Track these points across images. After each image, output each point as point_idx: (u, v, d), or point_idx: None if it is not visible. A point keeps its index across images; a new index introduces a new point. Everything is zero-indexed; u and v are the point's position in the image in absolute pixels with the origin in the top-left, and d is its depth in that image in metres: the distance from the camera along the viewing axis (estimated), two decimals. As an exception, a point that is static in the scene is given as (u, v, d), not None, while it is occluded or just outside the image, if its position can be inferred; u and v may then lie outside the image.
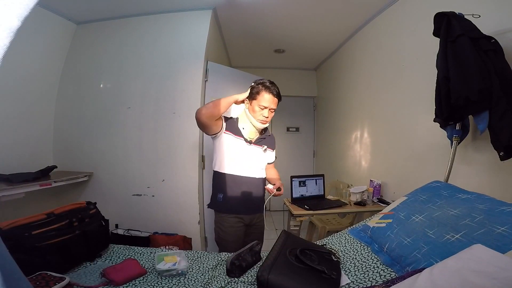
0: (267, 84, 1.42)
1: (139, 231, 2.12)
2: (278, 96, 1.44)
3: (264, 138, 1.55)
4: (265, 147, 1.53)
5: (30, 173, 1.79)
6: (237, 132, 1.47)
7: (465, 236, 0.77)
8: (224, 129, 1.44)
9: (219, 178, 1.47)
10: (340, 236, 1.25)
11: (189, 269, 1.08)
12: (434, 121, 1.44)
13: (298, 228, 2.79)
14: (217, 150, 1.47)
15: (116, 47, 2.40)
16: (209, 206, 1.54)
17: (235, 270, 1.04)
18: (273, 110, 1.45)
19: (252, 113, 1.44)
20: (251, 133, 1.51)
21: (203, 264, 1.13)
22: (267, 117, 1.43)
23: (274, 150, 1.65)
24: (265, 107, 1.40)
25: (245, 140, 1.46)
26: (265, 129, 1.57)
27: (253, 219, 1.53)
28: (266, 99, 1.39)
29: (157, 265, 1.03)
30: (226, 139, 1.43)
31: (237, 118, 1.51)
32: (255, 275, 0.92)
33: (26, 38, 1.93)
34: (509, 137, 1.11)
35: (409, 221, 0.99)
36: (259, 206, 1.55)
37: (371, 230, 1.12)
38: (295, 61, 4.01)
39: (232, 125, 1.48)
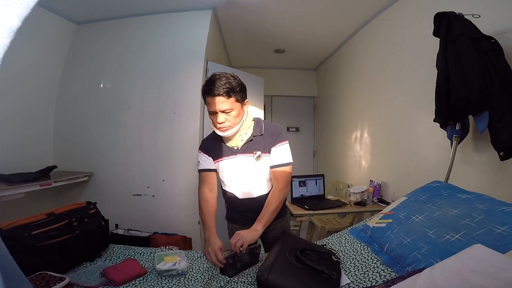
0: (207, 84, 1.10)
1: (139, 231, 2.12)
2: (224, 92, 1.07)
3: (252, 140, 1.21)
4: (258, 153, 1.20)
5: (30, 173, 1.79)
6: (219, 149, 1.24)
7: (465, 236, 0.77)
8: (212, 159, 1.26)
9: (223, 192, 1.35)
10: (340, 236, 1.25)
11: (189, 269, 1.07)
12: (434, 121, 1.44)
13: (298, 228, 2.79)
14: None
15: (116, 47, 2.40)
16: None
17: (228, 269, 1.02)
18: (229, 110, 1.09)
19: (212, 125, 1.18)
20: (232, 141, 1.21)
21: (203, 264, 1.13)
22: (222, 122, 1.10)
23: (278, 147, 1.21)
24: (214, 112, 1.11)
25: (230, 150, 1.22)
26: (258, 126, 1.23)
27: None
28: (209, 103, 1.10)
29: (157, 265, 1.02)
30: (218, 166, 1.27)
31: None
32: (255, 275, 0.92)
33: (26, 38, 1.93)
34: (509, 137, 1.11)
35: (409, 221, 0.99)
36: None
37: (371, 230, 1.12)
38: (295, 61, 4.01)
39: (213, 146, 1.26)
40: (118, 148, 2.33)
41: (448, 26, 1.28)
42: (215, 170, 1.28)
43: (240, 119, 1.14)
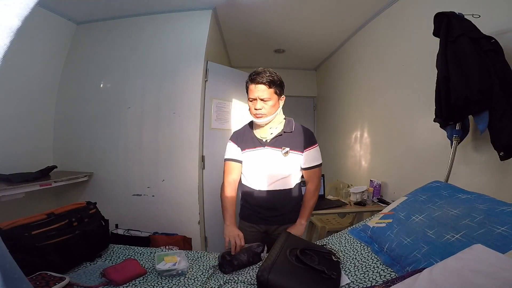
0: (253, 74, 1.23)
1: (139, 231, 2.12)
2: (267, 82, 1.20)
3: (281, 135, 1.28)
4: (287, 149, 1.26)
5: (30, 173, 1.79)
6: (248, 139, 1.32)
7: (465, 236, 0.77)
8: (241, 150, 1.33)
9: (240, 187, 1.38)
10: (340, 236, 1.25)
11: (189, 269, 1.07)
12: (434, 121, 1.44)
13: (298, 228, 2.79)
14: None
15: (116, 47, 2.40)
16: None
17: (225, 265, 1.04)
18: (268, 99, 1.21)
19: (249, 111, 1.29)
20: (262, 131, 1.31)
21: (203, 264, 1.13)
22: (259, 109, 1.21)
23: (312, 150, 1.30)
24: (254, 99, 1.23)
25: (259, 141, 1.29)
26: (289, 124, 1.32)
27: (269, 229, 1.36)
28: (252, 90, 1.23)
29: (157, 265, 1.03)
30: (245, 156, 1.33)
31: (251, 122, 1.37)
32: (255, 275, 0.92)
33: (26, 38, 1.93)
34: (509, 137, 1.11)
35: (409, 221, 0.99)
36: (282, 219, 1.33)
37: (371, 230, 1.12)
38: (295, 61, 4.01)
39: (242, 137, 1.34)
40: (118, 148, 2.33)
41: (448, 26, 1.27)
42: (241, 162, 1.34)
43: (275, 110, 1.25)
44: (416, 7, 1.92)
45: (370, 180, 2.29)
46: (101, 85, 2.37)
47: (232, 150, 1.35)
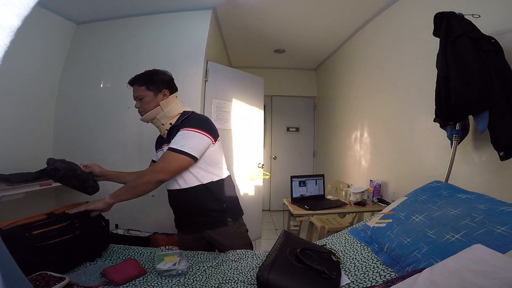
0: None
1: (139, 231, 2.12)
2: (135, 82, 1.26)
3: (172, 129, 1.27)
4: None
5: (30, 173, 1.78)
6: (159, 141, 1.42)
7: (465, 236, 0.77)
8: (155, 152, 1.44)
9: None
10: (340, 236, 1.25)
11: (189, 269, 1.07)
12: (434, 121, 1.44)
13: (298, 228, 2.79)
14: None
15: (116, 47, 2.40)
16: None
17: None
18: (141, 97, 1.25)
19: None
20: (160, 129, 1.34)
21: (203, 264, 1.13)
22: (138, 107, 1.29)
23: (182, 131, 1.18)
24: (135, 100, 1.30)
25: (163, 140, 1.35)
26: (180, 118, 1.27)
27: (198, 237, 1.32)
28: (132, 93, 1.30)
29: (157, 265, 1.03)
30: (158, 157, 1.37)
31: None
32: (255, 275, 0.92)
33: (26, 38, 1.93)
34: (509, 137, 1.11)
35: (409, 221, 0.99)
36: (191, 224, 1.30)
37: (371, 230, 1.12)
38: (295, 61, 4.01)
39: (157, 141, 1.45)
40: (118, 148, 2.33)
41: (448, 26, 1.27)
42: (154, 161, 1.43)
43: (153, 106, 1.25)
44: (416, 7, 1.92)
45: (370, 180, 2.29)
46: (101, 85, 2.37)
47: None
